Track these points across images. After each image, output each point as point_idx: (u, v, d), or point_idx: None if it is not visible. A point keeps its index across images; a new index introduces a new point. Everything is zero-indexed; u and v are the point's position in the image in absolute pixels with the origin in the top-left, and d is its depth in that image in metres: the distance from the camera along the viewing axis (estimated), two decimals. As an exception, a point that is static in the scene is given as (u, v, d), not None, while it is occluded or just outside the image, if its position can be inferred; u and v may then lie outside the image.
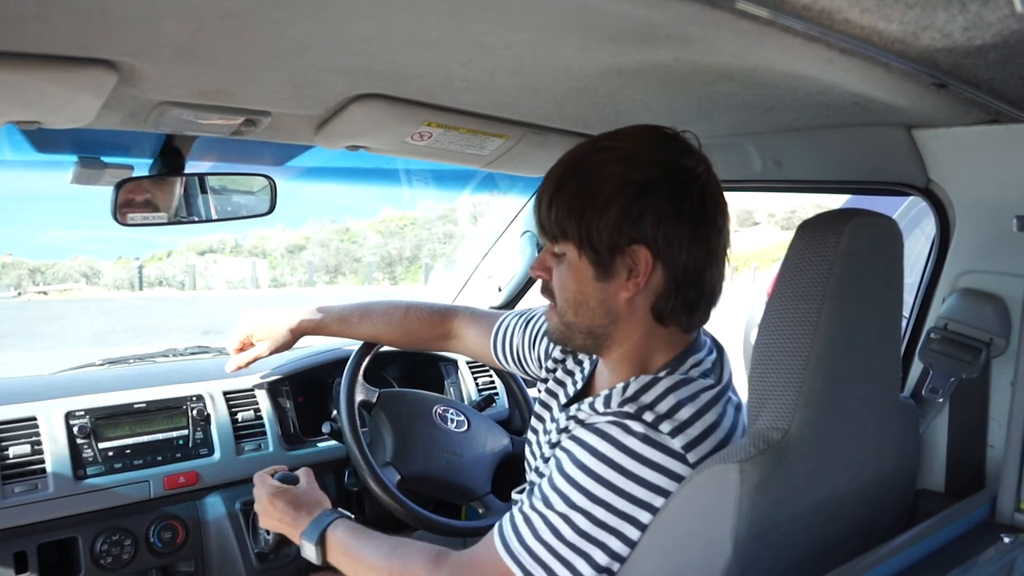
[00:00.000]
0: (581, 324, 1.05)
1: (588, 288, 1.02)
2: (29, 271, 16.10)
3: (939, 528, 1.01)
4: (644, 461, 0.93)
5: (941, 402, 1.22)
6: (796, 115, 1.18)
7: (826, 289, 0.87)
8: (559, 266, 1.05)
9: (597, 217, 0.98)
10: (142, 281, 16.88)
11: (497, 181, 2.18)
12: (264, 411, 1.74)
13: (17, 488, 1.43)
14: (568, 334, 1.07)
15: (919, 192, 1.27)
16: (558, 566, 0.94)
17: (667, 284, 1.00)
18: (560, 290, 1.05)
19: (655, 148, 1.01)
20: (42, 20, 0.79)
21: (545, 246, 1.08)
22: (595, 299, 1.03)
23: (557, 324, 1.08)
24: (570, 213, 1.00)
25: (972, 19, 0.65)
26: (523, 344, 1.43)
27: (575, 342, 1.08)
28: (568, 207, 1.00)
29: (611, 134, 1.05)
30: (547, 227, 1.04)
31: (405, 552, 1.09)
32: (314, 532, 1.20)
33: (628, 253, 0.98)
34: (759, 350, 0.92)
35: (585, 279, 1.02)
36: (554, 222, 1.02)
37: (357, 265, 19.55)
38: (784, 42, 0.74)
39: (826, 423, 0.91)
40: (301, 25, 0.83)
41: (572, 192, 1.00)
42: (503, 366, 1.52)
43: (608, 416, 0.97)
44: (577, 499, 0.94)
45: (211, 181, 1.52)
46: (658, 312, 1.02)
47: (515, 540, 0.98)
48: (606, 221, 0.98)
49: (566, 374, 1.24)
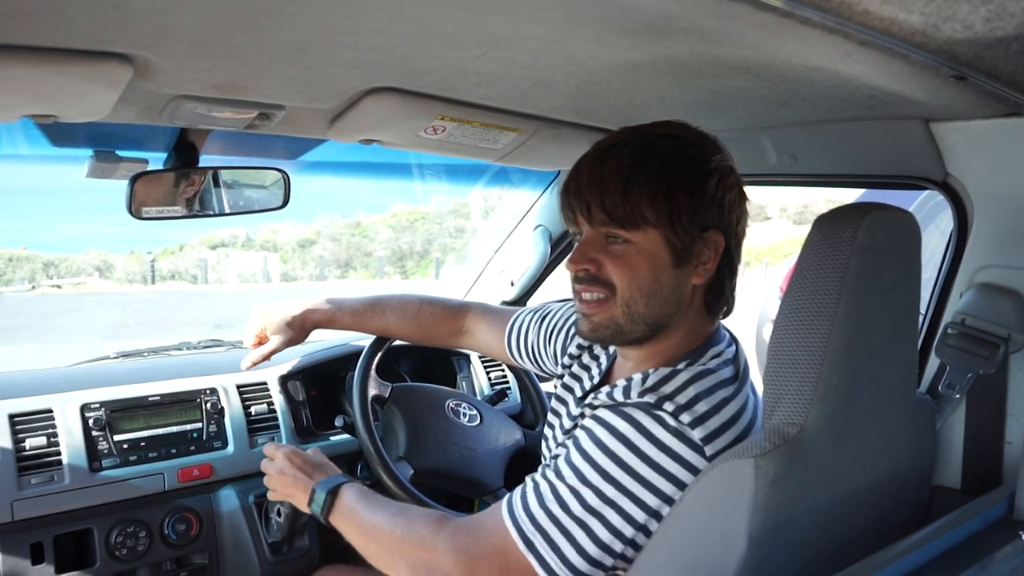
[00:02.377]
0: (650, 314, 1.02)
1: (664, 275, 1.00)
2: (43, 265, 16.21)
3: (955, 525, 1.00)
4: (663, 448, 0.93)
5: (958, 398, 1.21)
6: (812, 108, 1.17)
7: (843, 284, 0.87)
8: (624, 254, 1.01)
9: (687, 199, 0.98)
10: (154, 275, 16.97)
11: (510, 175, 2.18)
12: (277, 405, 1.75)
13: (34, 480, 1.44)
14: (627, 327, 1.03)
15: (936, 186, 1.25)
16: (559, 537, 0.94)
17: (721, 270, 1.02)
18: (629, 279, 1.01)
19: (708, 140, 1.03)
20: (58, 14, 0.80)
21: (585, 235, 1.04)
22: (669, 287, 1.01)
23: (615, 316, 1.02)
24: (656, 195, 0.97)
25: (995, 10, 0.64)
26: (538, 340, 1.42)
27: (629, 336, 1.04)
28: (653, 189, 0.97)
29: (657, 124, 1.05)
30: (622, 213, 0.99)
31: (410, 514, 1.10)
32: (328, 484, 1.20)
33: (707, 238, 1.00)
34: (775, 345, 0.91)
35: (662, 266, 1.00)
36: (632, 207, 0.98)
37: (368, 259, 19.58)
38: (802, 34, 0.73)
39: (842, 419, 0.90)
40: (315, 18, 0.83)
41: (656, 174, 0.98)
42: (517, 363, 1.52)
43: (629, 404, 0.97)
44: (589, 474, 0.94)
45: (225, 175, 1.52)
46: (711, 301, 1.04)
47: (520, 507, 0.98)
48: (694, 204, 0.98)
49: (582, 369, 1.23)
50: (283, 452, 1.30)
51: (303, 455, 1.29)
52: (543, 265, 2.08)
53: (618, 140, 1.03)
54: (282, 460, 1.28)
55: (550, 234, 2.05)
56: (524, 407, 2.03)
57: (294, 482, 1.25)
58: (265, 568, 1.62)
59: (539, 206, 2.09)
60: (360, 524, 1.13)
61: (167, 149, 1.45)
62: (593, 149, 1.04)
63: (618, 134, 1.04)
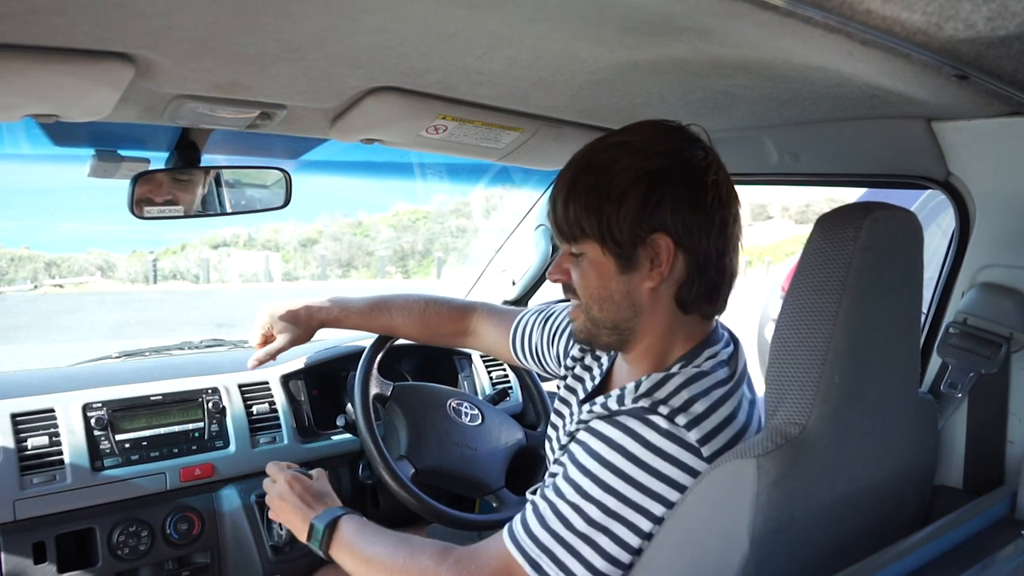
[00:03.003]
0: (607, 319, 1.05)
1: (612, 282, 1.02)
2: (45, 264, 16.22)
3: (957, 525, 1.00)
4: (660, 453, 0.93)
5: (960, 397, 1.21)
6: (814, 108, 1.16)
7: (845, 283, 0.86)
8: (579, 265, 1.05)
9: (615, 209, 0.98)
10: (156, 274, 16.98)
11: (511, 175, 2.18)
12: (279, 404, 1.75)
13: (36, 479, 1.44)
14: (594, 331, 1.07)
15: (938, 185, 1.25)
16: (565, 555, 0.94)
17: (689, 271, 1.00)
18: (583, 288, 1.05)
19: (664, 139, 1.02)
20: (59, 13, 0.80)
21: (562, 249, 1.08)
22: (619, 292, 1.02)
23: (583, 323, 1.08)
24: (587, 209, 1.00)
25: (997, 9, 0.64)
26: (541, 341, 1.42)
27: (601, 340, 1.08)
28: (585, 204, 1.00)
29: (619, 131, 1.05)
30: (564, 228, 1.04)
31: (412, 544, 1.09)
32: (326, 517, 1.19)
33: (649, 243, 0.99)
34: (777, 345, 0.91)
35: (608, 274, 1.02)
36: (572, 221, 1.02)
37: (370, 259, 19.58)
38: (803, 33, 0.73)
39: (844, 418, 0.90)
40: (316, 18, 0.83)
41: (587, 189, 1.00)
42: (522, 364, 1.52)
43: (623, 412, 0.97)
44: (590, 488, 0.94)
45: (226, 175, 1.52)
46: (682, 300, 1.02)
47: (522, 531, 0.98)
48: (625, 213, 0.98)
49: (584, 370, 1.24)
50: (284, 477, 1.29)
51: (304, 482, 1.28)
52: (545, 264, 2.08)
53: (576, 154, 1.05)
54: (283, 485, 1.28)
55: (551, 234, 2.05)
56: (526, 407, 2.03)
57: (294, 511, 1.24)
58: (267, 567, 1.62)
59: (540, 205, 2.09)
60: (361, 556, 1.13)
61: (169, 149, 1.46)
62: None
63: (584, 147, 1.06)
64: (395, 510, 1.73)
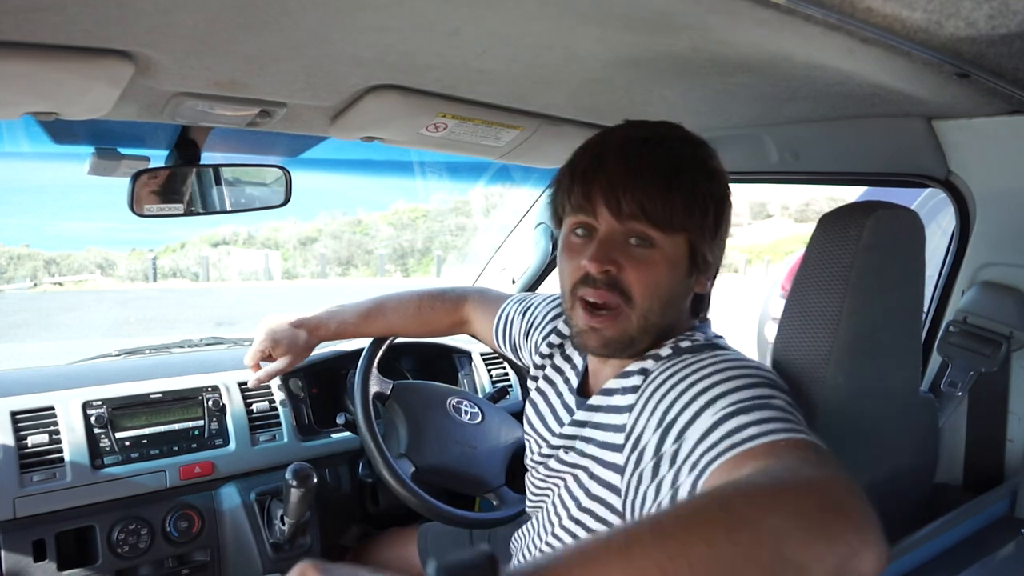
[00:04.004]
0: (663, 324, 0.96)
1: (680, 284, 0.96)
2: (45, 262, 16.22)
3: (957, 523, 1.00)
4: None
5: (960, 396, 1.21)
6: (814, 106, 1.16)
7: (847, 282, 0.87)
8: (642, 259, 0.93)
9: (717, 211, 0.95)
10: (156, 272, 16.99)
11: (511, 173, 2.18)
12: (279, 402, 1.75)
13: (36, 477, 1.44)
14: (638, 339, 0.96)
15: (939, 184, 1.25)
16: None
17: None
18: (647, 286, 0.93)
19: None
20: (59, 10, 0.79)
21: (606, 231, 0.94)
22: (681, 296, 0.98)
23: (628, 329, 0.95)
24: (691, 202, 0.92)
25: (998, 7, 0.64)
26: (520, 332, 1.41)
27: (636, 348, 0.97)
28: (690, 196, 0.92)
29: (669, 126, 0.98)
30: (656, 214, 0.91)
31: None
32: None
33: (720, 248, 0.99)
34: (780, 343, 0.91)
35: (681, 274, 0.95)
36: (673, 209, 0.91)
37: (369, 257, 19.59)
38: (804, 31, 0.73)
39: (846, 416, 0.90)
40: (316, 15, 0.83)
41: (694, 182, 0.93)
42: (505, 353, 1.51)
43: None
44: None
45: (226, 173, 1.52)
46: (698, 305, 1.03)
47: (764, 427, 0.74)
48: (722, 215, 0.96)
49: (564, 360, 1.20)
50: None
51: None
52: (544, 263, 2.08)
53: (649, 135, 0.95)
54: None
55: (552, 232, 2.05)
56: (525, 405, 2.03)
57: None
58: (267, 565, 1.62)
59: (540, 204, 2.08)
60: None
61: (168, 146, 1.45)
62: (620, 137, 0.97)
63: (640, 128, 0.98)
64: (395, 508, 1.73)
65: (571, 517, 1.01)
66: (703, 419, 0.78)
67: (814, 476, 0.63)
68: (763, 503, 0.58)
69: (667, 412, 0.84)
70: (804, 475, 0.64)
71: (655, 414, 0.86)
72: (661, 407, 0.85)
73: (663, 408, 0.85)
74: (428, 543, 1.65)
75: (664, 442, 0.82)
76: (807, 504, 0.58)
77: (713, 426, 0.76)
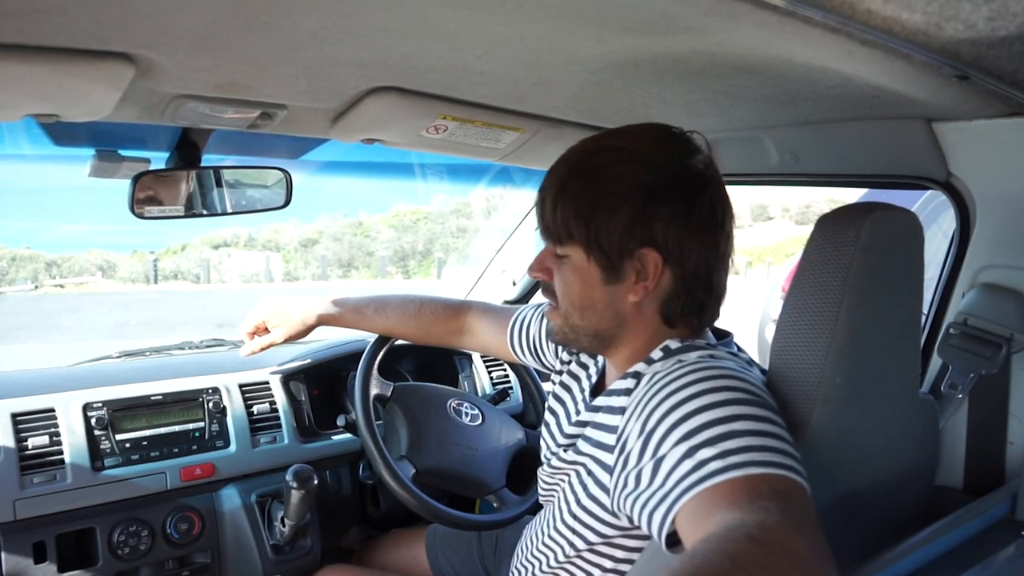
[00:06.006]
0: (587, 327, 1.02)
1: (595, 291, 0.99)
2: (46, 264, 16.23)
3: (957, 525, 1.00)
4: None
5: (960, 398, 1.21)
6: (814, 108, 1.16)
7: (845, 284, 0.87)
8: (562, 267, 1.01)
9: (607, 219, 0.94)
10: (157, 274, 17.00)
11: (511, 175, 2.18)
12: (279, 404, 1.75)
13: (36, 479, 1.44)
14: (573, 336, 1.05)
15: (939, 186, 1.25)
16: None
17: (676, 286, 0.97)
18: (564, 292, 1.02)
19: (663, 149, 0.97)
20: (60, 13, 0.80)
21: (545, 246, 1.05)
22: (602, 302, 0.99)
23: (561, 325, 1.05)
24: (577, 215, 0.96)
25: (997, 9, 0.64)
26: (539, 335, 1.42)
27: (580, 343, 1.06)
28: (575, 208, 0.96)
29: (615, 132, 1.01)
30: (551, 228, 1.00)
31: None
32: None
33: (638, 256, 0.95)
34: (778, 345, 0.91)
35: (592, 282, 0.99)
36: (560, 223, 0.98)
37: (370, 259, 19.60)
38: (804, 33, 0.73)
39: (845, 419, 0.90)
40: (317, 17, 0.83)
41: (579, 193, 0.96)
42: (519, 359, 1.52)
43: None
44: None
45: (227, 175, 1.53)
46: (666, 314, 0.99)
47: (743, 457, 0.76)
48: (616, 223, 0.94)
49: (580, 367, 1.23)
50: None
51: None
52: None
53: (568, 153, 1.01)
54: None
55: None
56: (526, 407, 2.03)
57: None
58: (267, 567, 1.62)
59: (541, 206, 2.08)
60: None
61: (169, 149, 1.46)
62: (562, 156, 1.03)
63: (581, 144, 1.01)
64: (395, 510, 1.73)
65: (571, 512, 1.04)
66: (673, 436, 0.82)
67: (765, 539, 0.64)
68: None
69: (647, 421, 0.87)
70: (754, 545, 0.64)
71: (639, 420, 0.89)
72: (644, 414, 0.88)
73: (645, 415, 0.88)
74: (436, 544, 1.65)
75: (644, 454, 0.86)
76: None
77: (681, 459, 0.80)
